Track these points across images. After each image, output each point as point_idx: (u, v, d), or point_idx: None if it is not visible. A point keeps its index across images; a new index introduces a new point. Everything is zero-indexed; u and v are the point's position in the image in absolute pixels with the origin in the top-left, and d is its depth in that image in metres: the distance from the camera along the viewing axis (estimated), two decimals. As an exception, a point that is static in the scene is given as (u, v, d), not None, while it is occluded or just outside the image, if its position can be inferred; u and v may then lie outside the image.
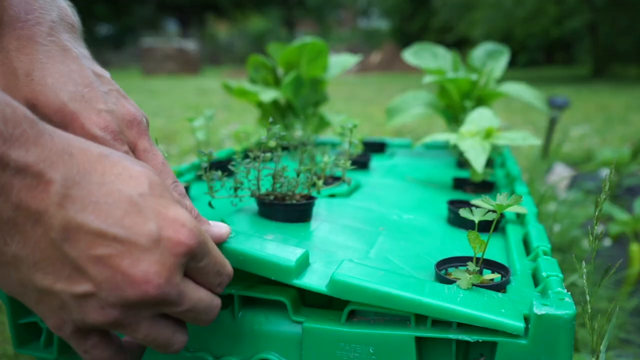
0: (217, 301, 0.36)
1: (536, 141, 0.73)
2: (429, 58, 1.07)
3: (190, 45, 9.67)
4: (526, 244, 0.53)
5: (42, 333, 0.49)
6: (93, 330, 0.33)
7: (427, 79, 1.00)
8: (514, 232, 0.55)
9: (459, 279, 0.40)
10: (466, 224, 0.58)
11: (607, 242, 1.23)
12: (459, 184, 0.77)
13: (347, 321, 0.39)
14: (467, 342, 0.37)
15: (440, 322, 0.38)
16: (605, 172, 1.73)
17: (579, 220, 1.26)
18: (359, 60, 1.14)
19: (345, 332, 0.39)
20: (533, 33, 8.67)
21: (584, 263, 0.46)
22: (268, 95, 0.99)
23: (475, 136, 0.74)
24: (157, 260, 0.30)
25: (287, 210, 0.55)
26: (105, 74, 0.43)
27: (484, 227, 0.49)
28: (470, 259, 0.44)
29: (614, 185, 1.52)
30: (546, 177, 1.67)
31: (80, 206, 0.29)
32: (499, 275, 0.43)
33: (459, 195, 0.73)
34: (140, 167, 0.33)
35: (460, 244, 0.54)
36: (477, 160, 0.70)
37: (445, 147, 1.11)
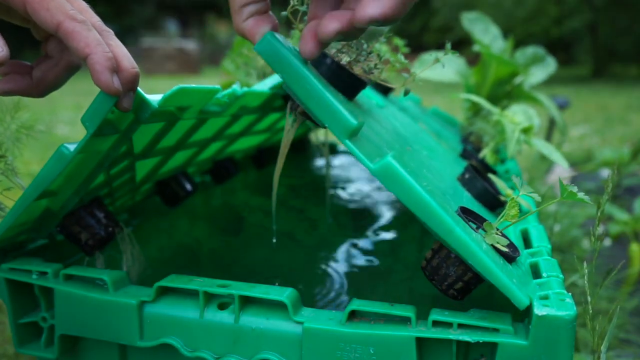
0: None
1: (563, 162, 0.74)
2: (481, 32, 1.07)
3: (190, 45, 9.66)
4: (526, 243, 0.53)
5: (42, 333, 0.49)
6: None
7: (476, 47, 1.00)
8: (512, 227, 0.55)
9: (486, 230, 0.39)
10: (471, 191, 0.58)
11: (607, 242, 1.23)
12: (467, 155, 0.77)
13: (348, 321, 0.39)
14: (468, 342, 0.37)
15: (440, 323, 0.38)
16: (605, 172, 1.73)
17: (578, 220, 1.26)
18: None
19: (346, 333, 0.39)
20: (533, 33, 8.66)
21: (585, 264, 0.46)
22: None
23: (517, 125, 0.75)
24: None
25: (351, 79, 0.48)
26: None
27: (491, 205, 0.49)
28: (483, 220, 0.44)
29: (614, 185, 1.52)
30: (546, 177, 1.67)
31: None
32: (512, 248, 0.42)
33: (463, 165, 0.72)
34: None
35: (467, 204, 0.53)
36: (511, 145, 0.71)
37: (450, 122, 1.09)
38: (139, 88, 0.42)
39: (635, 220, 1.18)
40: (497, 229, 0.42)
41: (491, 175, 0.60)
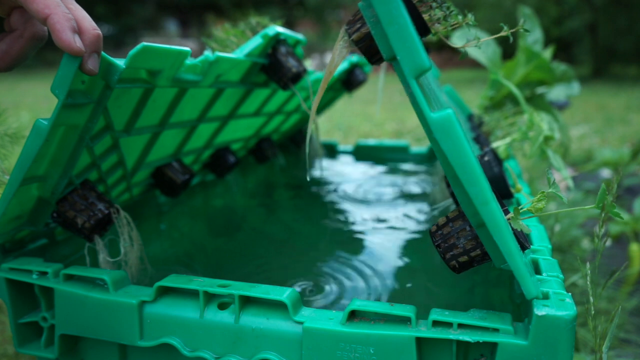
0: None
1: (571, 183, 0.75)
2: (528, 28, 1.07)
3: (190, 45, 9.68)
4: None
5: (43, 333, 0.49)
6: None
7: (530, 39, 1.00)
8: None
9: (510, 212, 0.39)
10: (486, 173, 0.58)
11: (607, 241, 1.23)
12: (480, 141, 0.78)
13: (348, 321, 0.39)
14: (468, 342, 0.37)
15: (440, 323, 0.38)
16: (605, 172, 1.73)
17: (578, 220, 1.26)
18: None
19: (346, 333, 0.39)
20: (533, 33, 8.64)
21: (588, 264, 0.46)
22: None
23: (541, 131, 0.75)
24: None
25: None
26: None
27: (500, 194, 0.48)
28: (501, 204, 0.44)
29: (615, 186, 1.52)
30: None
31: None
32: (530, 231, 0.42)
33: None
34: None
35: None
36: (535, 147, 0.72)
37: (461, 106, 1.08)
38: (104, 52, 0.43)
39: (635, 220, 1.18)
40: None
41: (507, 166, 0.61)
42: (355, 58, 1.07)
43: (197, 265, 0.71)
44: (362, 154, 1.29)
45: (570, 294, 0.38)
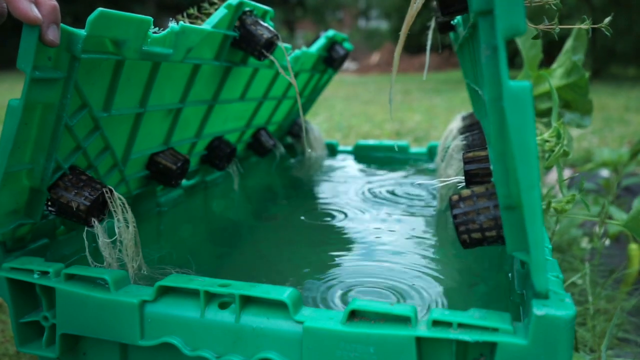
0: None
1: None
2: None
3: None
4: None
5: (44, 332, 0.50)
6: None
7: (575, 57, 0.98)
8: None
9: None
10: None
11: (605, 241, 1.24)
12: None
13: (348, 321, 0.40)
14: (467, 342, 0.37)
15: (440, 322, 0.38)
16: (604, 172, 1.73)
17: (578, 220, 1.27)
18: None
19: (346, 332, 0.39)
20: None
21: (587, 264, 0.46)
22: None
23: (563, 144, 0.75)
24: None
25: None
26: None
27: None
28: None
29: (614, 186, 1.53)
30: (545, 178, 1.68)
31: None
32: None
33: None
34: None
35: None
36: (552, 157, 0.72)
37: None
38: (63, 24, 0.43)
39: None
40: None
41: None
42: (330, 32, 1.08)
43: (196, 265, 0.71)
44: (362, 154, 1.29)
45: (569, 293, 0.38)
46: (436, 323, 0.38)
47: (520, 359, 0.35)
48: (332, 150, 1.31)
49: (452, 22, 0.72)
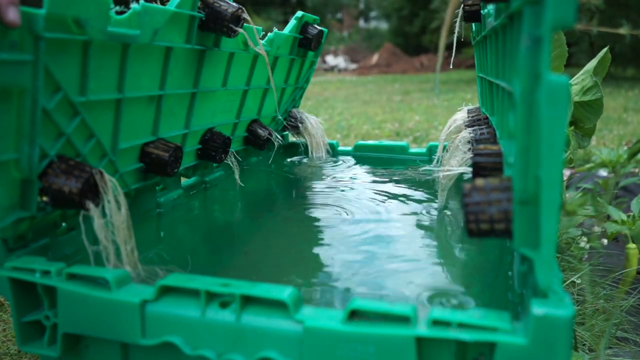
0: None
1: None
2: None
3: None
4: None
5: (45, 331, 0.50)
6: None
7: (594, 78, 0.98)
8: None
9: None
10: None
11: (604, 241, 1.24)
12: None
13: (348, 321, 0.40)
14: (467, 342, 0.38)
15: (440, 322, 0.38)
16: (602, 172, 1.73)
17: (576, 219, 1.27)
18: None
19: (346, 332, 0.39)
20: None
21: (587, 265, 0.46)
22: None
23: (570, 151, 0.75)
24: None
25: None
26: None
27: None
28: None
29: (612, 186, 1.53)
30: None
31: None
32: None
33: None
34: None
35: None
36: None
37: None
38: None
39: (633, 220, 1.18)
40: None
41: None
42: (299, 13, 1.08)
43: (196, 265, 0.71)
44: (361, 154, 1.29)
45: (568, 293, 0.38)
46: (436, 322, 0.38)
47: (520, 359, 0.36)
48: (332, 151, 1.31)
49: (482, 11, 0.71)
